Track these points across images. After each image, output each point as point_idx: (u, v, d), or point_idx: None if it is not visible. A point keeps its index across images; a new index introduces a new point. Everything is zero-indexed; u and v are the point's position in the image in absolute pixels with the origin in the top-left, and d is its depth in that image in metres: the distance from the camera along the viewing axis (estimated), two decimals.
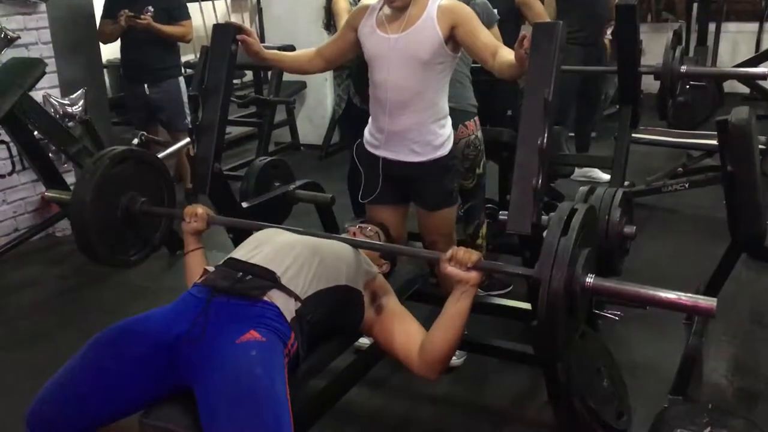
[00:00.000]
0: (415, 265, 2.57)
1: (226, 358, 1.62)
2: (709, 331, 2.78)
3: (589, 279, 1.74)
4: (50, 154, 4.11)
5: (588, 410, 2.15)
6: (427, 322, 3.07)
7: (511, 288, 3.36)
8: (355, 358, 2.42)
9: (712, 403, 2.39)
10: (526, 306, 2.50)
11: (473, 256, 1.83)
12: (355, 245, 2.10)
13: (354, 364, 2.32)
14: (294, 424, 1.61)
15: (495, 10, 3.10)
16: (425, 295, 2.70)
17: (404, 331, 2.01)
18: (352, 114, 3.44)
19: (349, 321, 2.01)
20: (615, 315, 2.16)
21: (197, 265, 2.16)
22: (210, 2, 7.44)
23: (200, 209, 2.24)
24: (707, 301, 1.65)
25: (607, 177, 4.62)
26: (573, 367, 2.17)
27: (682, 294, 1.69)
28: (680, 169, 4.68)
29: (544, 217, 2.05)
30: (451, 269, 1.84)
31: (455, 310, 1.87)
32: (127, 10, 4.32)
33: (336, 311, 1.93)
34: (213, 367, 1.62)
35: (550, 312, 1.67)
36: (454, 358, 2.75)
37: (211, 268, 1.89)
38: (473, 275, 1.83)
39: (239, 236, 2.43)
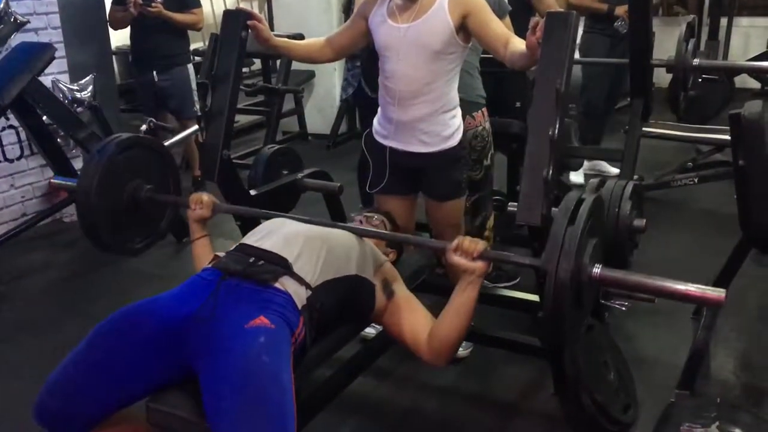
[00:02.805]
0: (421, 255, 2.56)
1: (234, 342, 1.61)
2: (717, 327, 2.77)
3: (596, 269, 1.73)
4: (59, 140, 4.12)
5: (595, 403, 2.14)
6: (433, 311, 3.08)
7: (518, 280, 3.36)
8: (360, 348, 2.42)
9: (719, 398, 2.38)
10: (534, 297, 2.49)
11: (479, 245, 1.83)
12: (361, 234, 2.10)
13: (360, 354, 2.32)
14: (299, 413, 1.61)
15: (507, 1, 3.08)
16: (432, 285, 2.69)
17: (413, 319, 2.02)
18: (362, 103, 3.43)
19: (358, 311, 2.01)
20: (623, 305, 2.15)
21: (204, 252, 2.18)
22: None
23: (205, 197, 2.24)
24: (716, 292, 1.63)
25: (615, 170, 4.60)
26: (580, 360, 2.16)
27: (691, 285, 1.67)
28: (690, 163, 4.65)
29: (555, 209, 2.04)
30: (457, 259, 1.84)
31: (462, 300, 1.88)
32: None
33: (346, 301, 1.93)
34: (220, 349, 1.61)
35: (557, 302, 1.66)
36: (460, 349, 2.75)
37: (222, 254, 1.89)
38: (479, 265, 1.84)
39: (247, 224, 2.42)
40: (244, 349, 1.59)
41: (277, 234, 1.95)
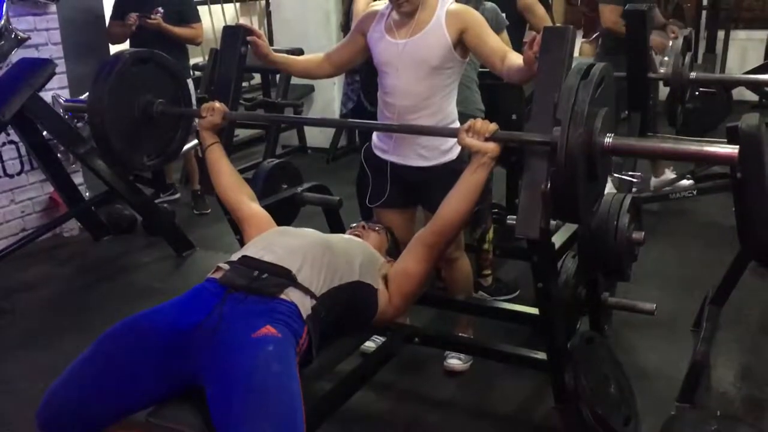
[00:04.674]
0: None
1: (241, 351, 1.61)
2: (717, 339, 2.77)
3: (608, 138, 1.71)
4: (59, 155, 4.13)
5: (595, 416, 2.14)
6: (433, 324, 3.08)
7: (518, 293, 3.36)
8: (361, 361, 2.42)
9: (719, 410, 2.38)
10: (533, 311, 2.48)
11: (490, 126, 1.89)
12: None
13: (360, 368, 2.32)
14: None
15: (504, 16, 3.10)
16: (432, 299, 2.70)
17: (404, 254, 2.09)
18: (361, 117, 3.44)
19: (360, 317, 2.01)
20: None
21: (219, 159, 2.36)
22: (219, 5, 7.45)
23: (217, 104, 2.37)
24: (728, 149, 1.64)
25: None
26: (580, 373, 2.16)
27: (704, 144, 1.68)
28: (688, 176, 4.66)
29: (553, 223, 2.04)
30: (469, 140, 1.91)
31: (471, 180, 1.96)
32: (136, 14, 4.32)
33: (350, 307, 1.94)
34: (227, 360, 1.61)
35: (570, 165, 1.64)
36: (460, 362, 2.77)
37: (225, 266, 1.89)
38: (491, 146, 1.90)
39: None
40: (252, 359, 1.59)
41: (278, 245, 1.95)
